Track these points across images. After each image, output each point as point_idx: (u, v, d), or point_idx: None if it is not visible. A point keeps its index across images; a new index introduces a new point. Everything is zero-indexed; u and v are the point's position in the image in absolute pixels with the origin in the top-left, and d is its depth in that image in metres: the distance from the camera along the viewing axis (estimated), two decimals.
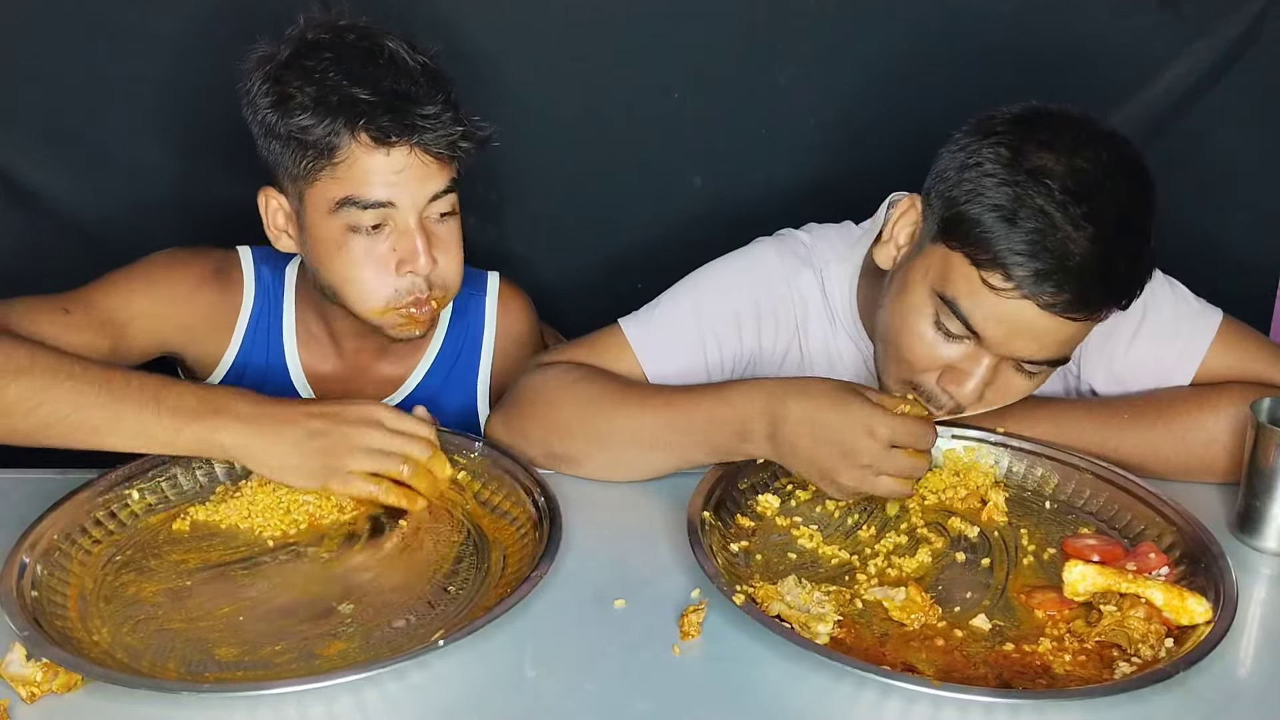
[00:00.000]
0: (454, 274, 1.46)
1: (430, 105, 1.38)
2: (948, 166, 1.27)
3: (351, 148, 1.37)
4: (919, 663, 1.08)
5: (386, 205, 1.39)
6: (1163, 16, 1.85)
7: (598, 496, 1.38)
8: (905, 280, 1.31)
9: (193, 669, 1.07)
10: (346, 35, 1.41)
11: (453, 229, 1.46)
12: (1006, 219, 1.19)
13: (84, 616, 1.14)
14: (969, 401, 1.30)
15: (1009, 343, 1.24)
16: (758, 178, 1.92)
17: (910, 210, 1.34)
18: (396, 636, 1.11)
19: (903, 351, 1.31)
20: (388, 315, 1.44)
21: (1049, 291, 1.19)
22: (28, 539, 1.19)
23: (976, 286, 1.22)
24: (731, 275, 1.49)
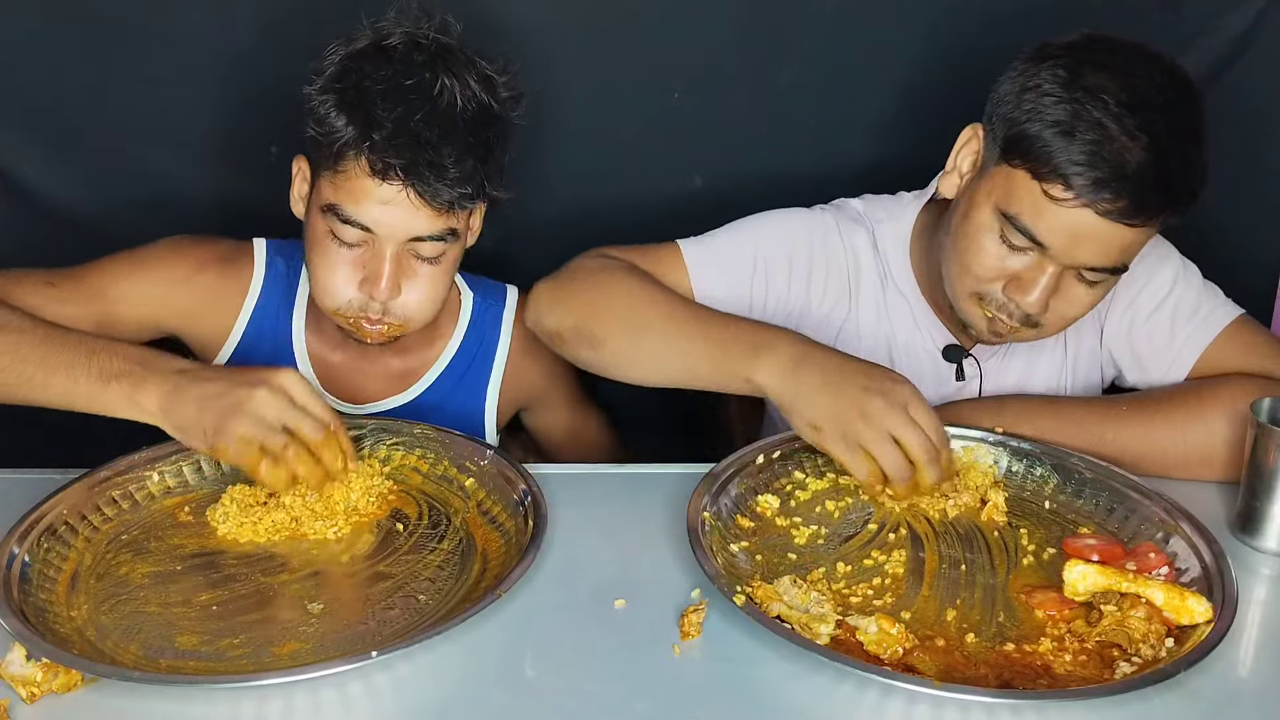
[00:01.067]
0: (417, 310, 1.46)
1: (445, 156, 1.38)
2: (1007, 92, 1.34)
3: (353, 164, 1.38)
4: (919, 663, 1.08)
5: (365, 230, 1.40)
6: (1163, 16, 1.85)
7: (598, 496, 1.38)
8: (971, 202, 1.38)
9: (150, 654, 1.08)
10: (417, 55, 1.41)
11: (434, 272, 1.45)
12: (1065, 133, 1.27)
13: (71, 592, 1.16)
14: (1036, 309, 1.35)
15: (1072, 251, 1.31)
16: (758, 178, 1.92)
17: (973, 140, 1.41)
18: (349, 641, 1.10)
19: (971, 266, 1.37)
20: (337, 318, 1.47)
21: (1107, 198, 1.26)
22: (32, 515, 1.21)
23: (1039, 199, 1.29)
24: (793, 223, 1.55)
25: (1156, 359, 1.51)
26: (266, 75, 1.78)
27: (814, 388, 1.25)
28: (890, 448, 1.22)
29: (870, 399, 1.22)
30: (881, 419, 1.22)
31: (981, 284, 1.38)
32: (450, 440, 1.40)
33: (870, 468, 1.23)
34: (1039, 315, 1.36)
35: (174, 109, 1.81)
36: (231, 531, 1.26)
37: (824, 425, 1.24)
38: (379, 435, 1.42)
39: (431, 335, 1.62)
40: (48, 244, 1.85)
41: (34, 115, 1.79)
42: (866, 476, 1.23)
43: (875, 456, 1.22)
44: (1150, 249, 1.51)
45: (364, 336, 1.48)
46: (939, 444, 1.23)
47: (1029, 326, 1.39)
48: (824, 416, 1.24)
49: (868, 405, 1.22)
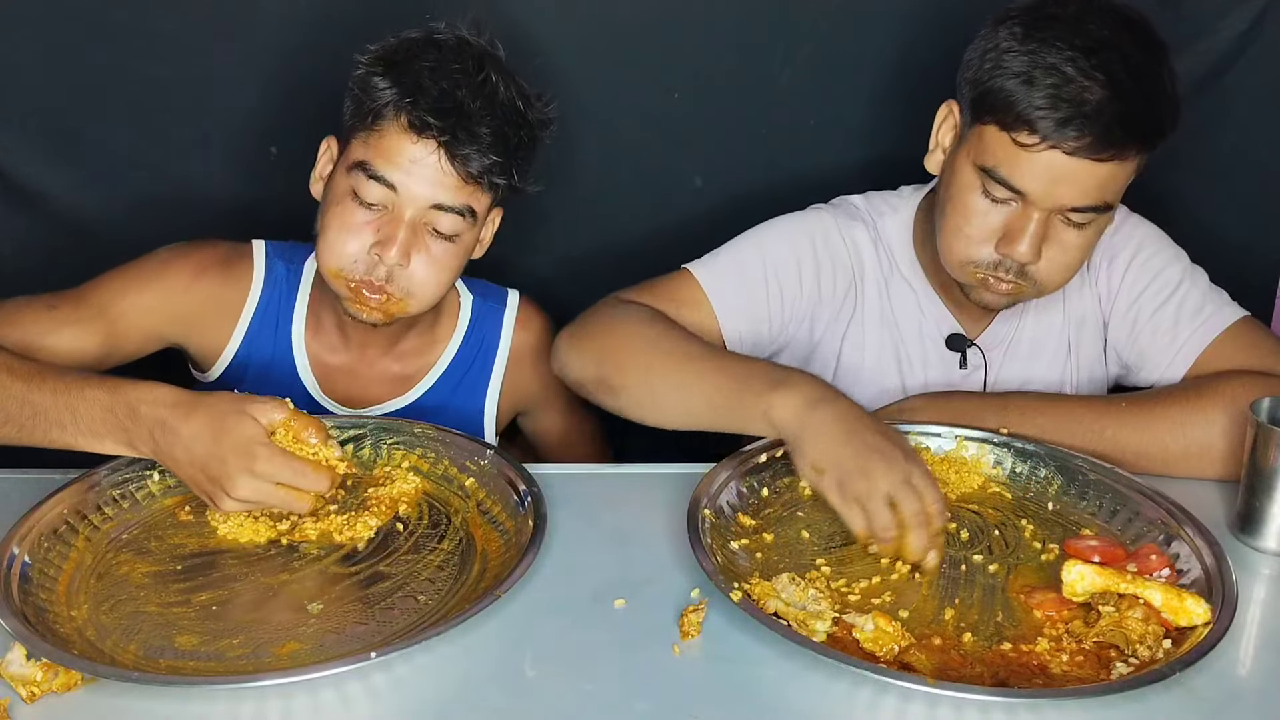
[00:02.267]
0: (419, 286, 1.45)
1: (482, 125, 1.41)
2: (971, 57, 1.40)
3: (391, 123, 1.41)
4: (916, 661, 1.08)
5: (389, 186, 1.41)
6: (1163, 16, 1.84)
7: (598, 496, 1.38)
8: (952, 168, 1.43)
9: (150, 654, 1.08)
10: (466, 49, 1.45)
11: (446, 250, 1.46)
12: (1026, 82, 1.32)
13: (70, 592, 1.16)
14: (1028, 257, 1.37)
15: (1051, 193, 1.34)
16: (758, 178, 1.92)
17: (949, 115, 1.46)
18: (349, 641, 1.10)
19: (960, 227, 1.41)
20: (338, 281, 1.45)
21: (1072, 136, 1.31)
22: (32, 515, 1.21)
23: (1010, 148, 1.34)
24: (792, 227, 1.57)
25: (1159, 356, 1.52)
26: (267, 76, 1.79)
27: (825, 430, 1.24)
28: (882, 506, 1.19)
29: (875, 457, 1.20)
30: (882, 479, 1.19)
31: (972, 245, 1.41)
32: (450, 440, 1.40)
33: (863, 522, 1.20)
34: (1033, 264, 1.39)
35: (174, 109, 1.81)
36: (231, 531, 1.26)
37: (827, 469, 1.22)
38: (379, 435, 1.42)
39: (430, 338, 1.62)
40: (48, 244, 1.85)
41: (34, 115, 1.79)
42: (857, 529, 1.21)
43: (866, 512, 1.20)
44: (1158, 250, 1.54)
45: (360, 308, 1.46)
46: (937, 515, 1.20)
47: (1025, 280, 1.41)
48: (828, 460, 1.23)
49: (871, 462, 1.20)
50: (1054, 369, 1.60)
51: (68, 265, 1.79)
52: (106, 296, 1.49)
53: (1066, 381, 1.60)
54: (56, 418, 1.25)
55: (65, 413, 1.24)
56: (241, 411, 1.22)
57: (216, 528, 1.27)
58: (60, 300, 1.47)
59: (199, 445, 1.21)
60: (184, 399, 1.23)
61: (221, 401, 1.23)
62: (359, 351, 1.60)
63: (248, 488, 1.21)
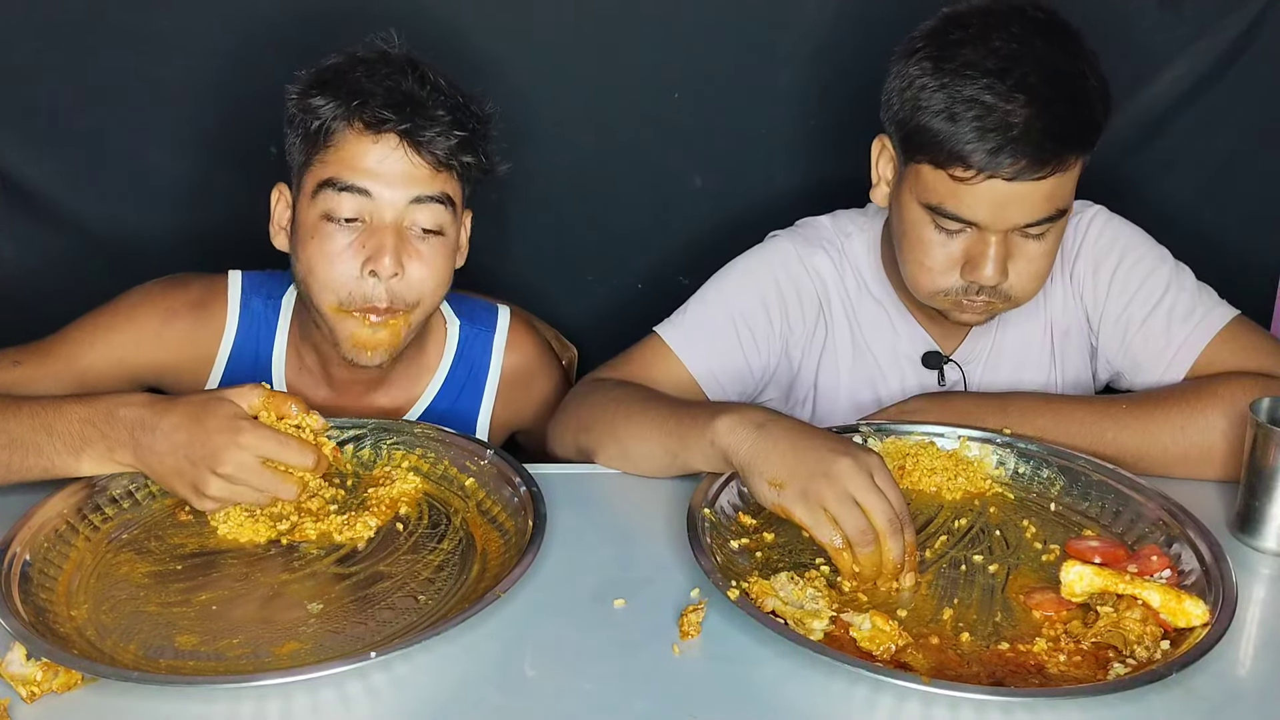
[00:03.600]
0: (422, 289, 1.42)
1: (436, 109, 1.38)
2: (889, 96, 1.41)
3: (345, 132, 1.38)
4: (913, 660, 1.08)
5: (363, 193, 1.38)
6: (1163, 16, 1.85)
7: (598, 496, 1.38)
8: (899, 206, 1.43)
9: (150, 654, 1.08)
10: (392, 56, 1.43)
11: (436, 248, 1.43)
12: (949, 119, 1.32)
13: (71, 592, 1.16)
14: (994, 279, 1.38)
15: (1001, 217, 1.35)
16: (758, 178, 1.92)
17: (884, 149, 1.46)
18: (349, 641, 1.10)
19: (921, 261, 1.41)
20: (339, 317, 1.41)
21: (1007, 164, 1.31)
22: (32, 515, 1.22)
23: (949, 184, 1.34)
24: (751, 266, 1.58)
25: (1154, 362, 1.51)
26: (266, 76, 1.78)
27: (779, 446, 1.22)
28: (852, 509, 1.16)
29: (836, 459, 1.18)
30: (845, 480, 1.17)
31: (936, 277, 1.41)
32: (450, 440, 1.40)
33: (833, 532, 1.17)
34: (1002, 284, 1.39)
35: (174, 110, 1.82)
36: (232, 531, 1.26)
37: (786, 482, 1.19)
38: (379, 435, 1.42)
39: (418, 368, 1.59)
40: (48, 245, 1.85)
41: (34, 115, 1.80)
42: (828, 540, 1.17)
43: (836, 518, 1.17)
44: (1143, 254, 1.53)
45: (360, 348, 1.42)
46: (901, 519, 1.18)
47: (998, 296, 1.41)
48: (786, 473, 1.20)
49: (833, 465, 1.18)
50: (1037, 380, 1.59)
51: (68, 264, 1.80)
52: (74, 348, 1.47)
53: (1052, 389, 1.60)
54: (33, 441, 1.24)
55: (42, 433, 1.24)
56: (220, 397, 1.24)
57: (216, 528, 1.26)
58: (25, 355, 1.45)
59: (181, 433, 1.21)
60: (161, 398, 1.25)
61: (198, 394, 1.25)
62: (344, 386, 1.56)
63: (233, 462, 1.21)
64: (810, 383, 1.61)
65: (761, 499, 1.23)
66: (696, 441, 1.30)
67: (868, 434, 1.43)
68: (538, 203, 1.94)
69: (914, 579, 1.19)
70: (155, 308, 1.52)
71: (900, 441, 1.43)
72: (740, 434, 1.25)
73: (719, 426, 1.27)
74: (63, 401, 1.26)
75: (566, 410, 1.50)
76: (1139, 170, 1.93)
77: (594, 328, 1.94)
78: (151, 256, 1.70)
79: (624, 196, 1.94)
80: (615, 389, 1.47)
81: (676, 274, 1.68)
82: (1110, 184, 1.93)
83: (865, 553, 1.17)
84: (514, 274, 1.75)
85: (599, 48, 1.86)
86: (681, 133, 1.90)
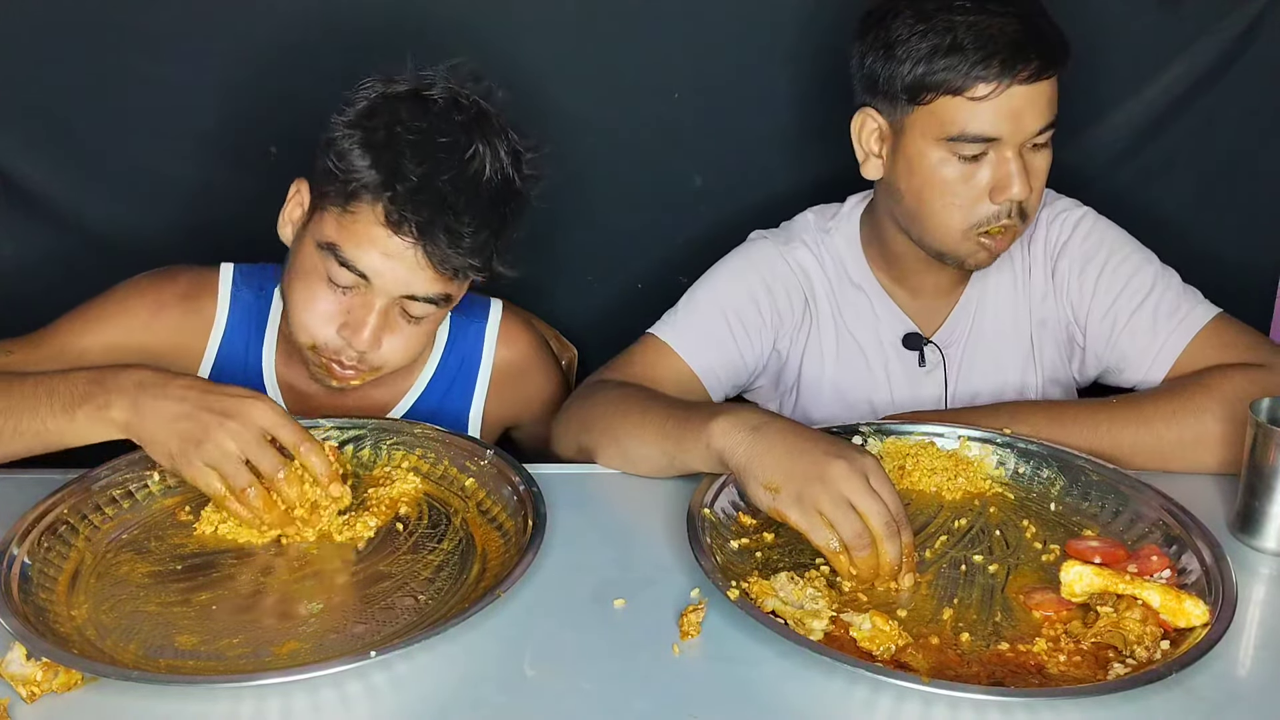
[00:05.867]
0: (392, 361, 1.44)
1: (464, 224, 1.35)
2: (873, 64, 1.47)
3: (368, 209, 1.35)
4: (913, 660, 1.08)
5: (362, 277, 1.37)
6: (1163, 16, 1.85)
7: (598, 496, 1.38)
8: (908, 159, 1.47)
9: (150, 653, 1.08)
10: (456, 115, 1.38)
11: (420, 330, 1.44)
12: (954, 49, 1.40)
13: (71, 592, 1.16)
14: (1025, 193, 1.44)
15: (1020, 127, 1.42)
16: (758, 178, 1.92)
17: (866, 121, 1.51)
18: (349, 641, 1.10)
19: (950, 202, 1.46)
20: (308, 354, 1.43)
21: (1021, 68, 1.40)
22: (32, 515, 1.22)
23: (969, 107, 1.41)
24: (737, 265, 1.62)
25: (1139, 356, 1.53)
26: (266, 76, 1.79)
27: (773, 450, 1.22)
28: (848, 512, 1.16)
29: (831, 462, 1.18)
30: (840, 483, 1.17)
31: (970, 211, 1.46)
32: (450, 440, 1.40)
33: (829, 535, 1.17)
34: (1027, 198, 1.45)
35: (174, 109, 1.81)
36: (231, 531, 1.26)
37: (781, 485, 1.19)
38: (379, 435, 1.42)
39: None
40: (48, 245, 1.85)
41: (34, 115, 1.80)
42: (825, 543, 1.18)
43: (832, 522, 1.17)
44: (1129, 254, 1.58)
45: (331, 378, 1.44)
46: (898, 520, 1.18)
47: (1022, 218, 1.47)
48: (781, 477, 1.20)
49: (828, 468, 1.18)
50: (1014, 367, 1.63)
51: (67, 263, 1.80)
52: (65, 337, 1.47)
53: (1029, 384, 1.63)
54: (31, 404, 1.24)
55: (43, 394, 1.24)
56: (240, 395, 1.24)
57: (216, 528, 1.26)
58: (16, 345, 1.45)
59: (193, 392, 1.22)
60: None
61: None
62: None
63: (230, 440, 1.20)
64: (796, 371, 1.64)
65: (757, 503, 1.23)
66: (693, 444, 1.30)
67: (868, 434, 1.43)
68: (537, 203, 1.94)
69: (912, 579, 1.19)
70: (145, 298, 1.52)
71: (900, 442, 1.43)
72: (735, 437, 1.25)
73: (714, 429, 1.27)
74: (70, 370, 1.26)
75: (569, 411, 1.51)
76: (1139, 170, 1.93)
77: (594, 328, 1.94)
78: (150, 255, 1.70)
79: (624, 196, 1.94)
80: (616, 390, 1.48)
81: (676, 274, 1.67)
82: (1110, 184, 1.94)
83: (862, 556, 1.17)
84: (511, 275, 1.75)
85: (599, 48, 1.86)
86: (681, 133, 1.90)
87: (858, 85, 1.51)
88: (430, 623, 1.11)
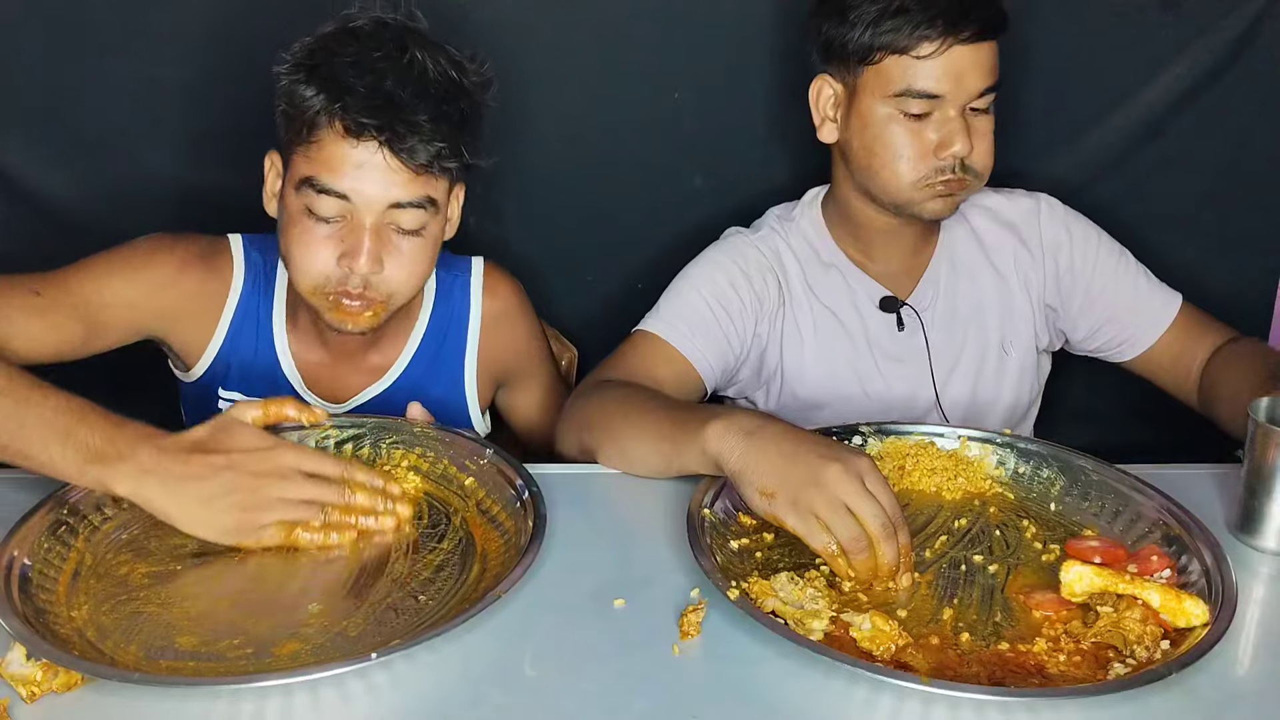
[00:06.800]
0: (400, 286, 1.45)
1: (419, 114, 1.37)
2: (829, 30, 1.55)
3: (326, 131, 1.38)
4: (913, 660, 1.08)
5: (342, 198, 1.39)
6: (1163, 16, 1.85)
7: (598, 496, 1.38)
8: (861, 117, 1.56)
9: (151, 654, 1.08)
10: (385, 31, 1.42)
11: (418, 246, 1.44)
12: (900, 11, 1.48)
13: (71, 593, 1.16)
14: (967, 149, 1.51)
15: (962, 86, 1.50)
16: (758, 178, 1.92)
17: (823, 87, 1.60)
18: (348, 642, 1.10)
19: (898, 155, 1.53)
20: (317, 298, 1.44)
21: (964, 26, 1.47)
22: (32, 515, 1.21)
23: (914, 65, 1.49)
24: (714, 257, 1.68)
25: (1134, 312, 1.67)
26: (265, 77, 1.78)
27: (768, 454, 1.22)
28: (844, 516, 1.16)
29: (826, 466, 1.18)
30: (835, 486, 1.17)
31: (916, 164, 1.53)
32: (450, 439, 1.40)
33: (826, 538, 1.17)
34: (970, 156, 1.52)
35: (173, 109, 1.81)
36: None
37: (776, 490, 1.19)
38: (379, 434, 1.42)
39: (400, 319, 1.59)
40: (48, 244, 1.85)
41: (34, 115, 1.80)
42: (822, 547, 1.18)
43: (828, 525, 1.17)
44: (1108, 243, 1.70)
45: (344, 320, 1.44)
46: (895, 522, 1.18)
47: (968, 174, 1.54)
48: (776, 482, 1.20)
49: (823, 472, 1.17)
50: (991, 325, 1.70)
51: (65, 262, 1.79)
52: (91, 285, 1.46)
53: (1007, 339, 1.70)
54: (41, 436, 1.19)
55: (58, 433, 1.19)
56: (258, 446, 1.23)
57: None
58: (44, 285, 1.44)
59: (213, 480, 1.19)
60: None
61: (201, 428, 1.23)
62: (338, 345, 1.58)
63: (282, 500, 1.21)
64: (778, 355, 1.67)
65: (753, 507, 1.23)
66: (690, 448, 1.30)
67: (868, 434, 1.43)
68: (537, 202, 1.94)
69: (911, 579, 1.19)
70: (171, 256, 1.53)
71: (900, 441, 1.43)
72: (730, 441, 1.25)
73: (709, 433, 1.27)
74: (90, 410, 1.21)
75: (571, 410, 1.51)
76: (1139, 170, 1.93)
77: (594, 328, 1.94)
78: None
79: (624, 196, 1.94)
80: (617, 390, 1.48)
81: (676, 274, 1.68)
82: (1110, 184, 1.94)
83: (860, 559, 1.17)
84: (513, 273, 1.75)
85: (599, 48, 1.86)
86: (681, 133, 1.90)
87: (815, 54, 1.60)
88: (430, 623, 1.11)
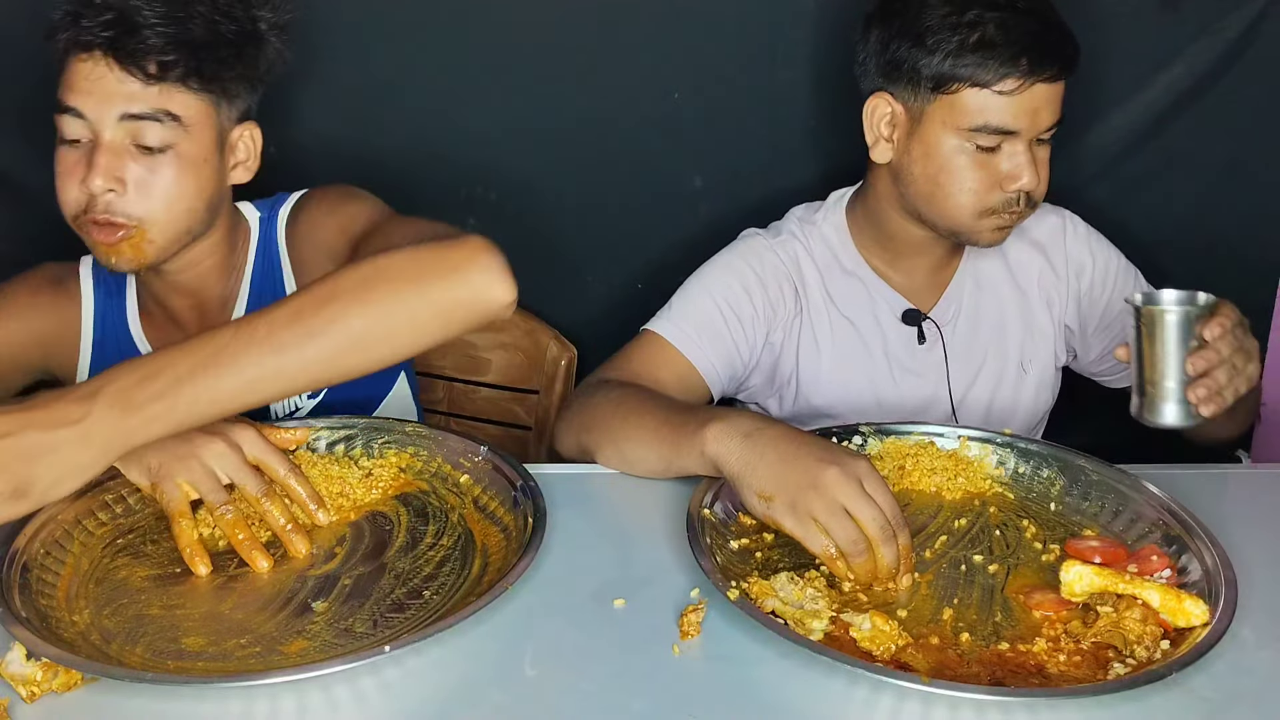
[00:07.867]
0: (151, 212, 1.39)
1: (150, 19, 1.35)
2: (898, 50, 1.51)
3: (69, 56, 1.38)
4: (913, 660, 1.08)
5: (76, 114, 1.38)
6: (1163, 16, 1.85)
7: (598, 496, 1.38)
8: (925, 145, 1.53)
9: (157, 655, 1.08)
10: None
11: (163, 164, 1.39)
12: (985, 45, 1.46)
13: (70, 598, 1.16)
14: (1033, 184, 1.51)
15: (1035, 122, 1.49)
16: (758, 178, 1.92)
17: (880, 105, 1.56)
18: (355, 640, 1.10)
19: (964, 186, 1.52)
20: (81, 230, 1.42)
21: (1046, 67, 1.46)
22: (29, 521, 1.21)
23: (993, 100, 1.47)
24: (728, 259, 1.66)
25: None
26: None
27: (766, 457, 1.22)
28: (843, 519, 1.16)
29: (824, 469, 1.17)
30: (834, 490, 1.16)
31: (983, 196, 1.52)
32: (443, 439, 1.40)
33: (825, 541, 1.17)
34: (1036, 188, 1.52)
35: None
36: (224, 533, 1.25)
37: (774, 494, 1.20)
38: (370, 435, 1.42)
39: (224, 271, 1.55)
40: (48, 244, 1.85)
41: (34, 115, 1.79)
42: (821, 550, 1.17)
43: (827, 529, 1.17)
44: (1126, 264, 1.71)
45: (106, 254, 1.40)
46: (895, 523, 1.18)
47: (1030, 206, 1.54)
48: (774, 486, 1.20)
49: (821, 476, 1.17)
50: (1012, 343, 1.68)
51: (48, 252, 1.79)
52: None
53: (1026, 357, 1.69)
54: None
55: None
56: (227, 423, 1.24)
57: (214, 528, 1.26)
58: None
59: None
60: None
61: None
62: (182, 313, 1.56)
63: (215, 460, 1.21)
64: (792, 363, 1.65)
65: (752, 510, 1.24)
66: (688, 450, 1.30)
67: (868, 434, 1.43)
68: (537, 203, 1.94)
69: (911, 580, 1.19)
70: (24, 285, 1.58)
71: (900, 442, 1.43)
72: (728, 444, 1.25)
73: (707, 436, 1.27)
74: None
75: (570, 410, 1.52)
76: (1139, 170, 1.93)
77: (594, 328, 1.94)
78: None
79: (624, 196, 1.94)
80: (616, 391, 1.48)
81: (676, 274, 1.67)
82: (1110, 184, 1.93)
83: (859, 562, 1.17)
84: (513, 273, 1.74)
85: (599, 47, 1.86)
86: (681, 133, 1.90)
87: (873, 69, 1.55)
88: (438, 617, 1.11)
